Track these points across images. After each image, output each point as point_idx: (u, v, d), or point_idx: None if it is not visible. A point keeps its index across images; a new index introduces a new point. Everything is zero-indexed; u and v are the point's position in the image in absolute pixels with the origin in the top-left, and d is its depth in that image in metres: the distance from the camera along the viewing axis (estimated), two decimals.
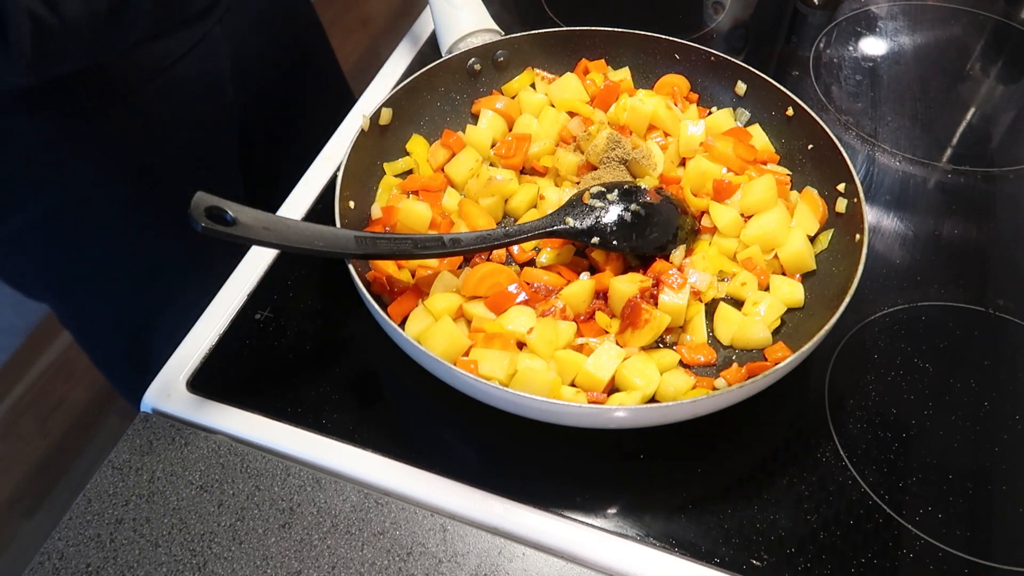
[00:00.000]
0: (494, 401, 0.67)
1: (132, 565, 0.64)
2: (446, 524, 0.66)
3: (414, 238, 0.73)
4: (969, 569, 0.65)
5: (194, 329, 0.79)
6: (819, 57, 1.08)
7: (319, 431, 0.72)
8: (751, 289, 0.78)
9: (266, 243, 0.65)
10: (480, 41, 0.92)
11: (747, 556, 0.65)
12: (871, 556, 0.65)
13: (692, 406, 0.65)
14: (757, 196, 0.81)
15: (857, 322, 0.80)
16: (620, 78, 0.93)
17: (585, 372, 0.70)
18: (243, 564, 0.64)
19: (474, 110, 0.92)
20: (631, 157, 0.85)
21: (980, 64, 1.09)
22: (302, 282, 0.83)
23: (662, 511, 0.68)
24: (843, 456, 0.71)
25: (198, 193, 0.63)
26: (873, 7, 1.16)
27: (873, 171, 0.95)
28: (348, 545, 0.65)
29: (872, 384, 0.76)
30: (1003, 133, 1.00)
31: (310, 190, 0.91)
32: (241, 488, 0.68)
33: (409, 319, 0.74)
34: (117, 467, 0.69)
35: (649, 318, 0.72)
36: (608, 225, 0.78)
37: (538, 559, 0.65)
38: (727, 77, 0.91)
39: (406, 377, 0.74)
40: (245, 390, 0.75)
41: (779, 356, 0.72)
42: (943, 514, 0.68)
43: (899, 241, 0.87)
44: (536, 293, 0.76)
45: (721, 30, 1.13)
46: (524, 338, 0.71)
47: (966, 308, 0.82)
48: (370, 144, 0.84)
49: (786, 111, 0.87)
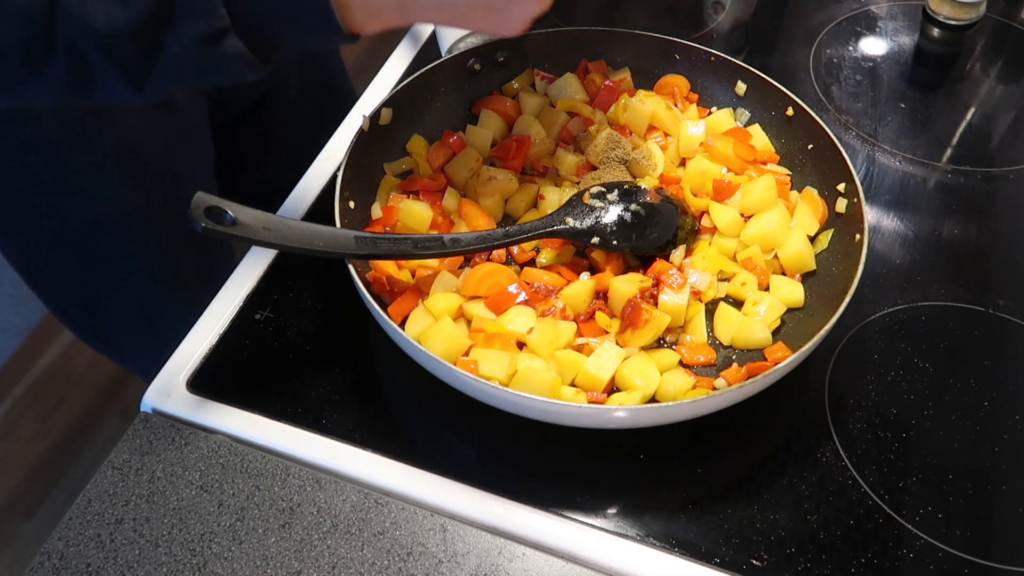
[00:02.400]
0: (494, 401, 0.67)
1: (132, 565, 0.64)
2: (446, 524, 0.66)
3: (414, 238, 0.73)
4: (969, 569, 0.65)
5: (194, 329, 0.79)
6: (819, 57, 1.08)
7: (319, 431, 0.72)
8: (751, 289, 0.78)
9: (266, 243, 0.65)
10: (480, 41, 0.92)
11: (747, 556, 0.65)
12: (871, 556, 0.65)
13: (692, 406, 0.65)
14: (757, 196, 0.81)
15: (857, 322, 0.80)
16: (620, 78, 0.93)
17: (585, 372, 0.70)
18: (243, 564, 0.64)
19: (474, 110, 0.92)
20: (631, 157, 0.85)
21: (980, 64, 1.09)
22: (302, 282, 0.82)
23: (662, 511, 0.68)
24: (843, 456, 0.71)
25: (198, 193, 0.63)
26: (873, 7, 1.16)
27: (873, 171, 0.95)
28: (348, 545, 0.65)
29: (872, 384, 0.76)
30: (1003, 133, 1.00)
31: (310, 190, 0.91)
32: (241, 488, 0.68)
33: (409, 319, 0.74)
34: (117, 467, 0.69)
35: (649, 318, 0.72)
36: (608, 225, 0.78)
37: (538, 559, 0.65)
38: (727, 77, 0.91)
39: (406, 377, 0.74)
40: (245, 390, 0.74)
41: (779, 356, 0.72)
42: (943, 514, 0.68)
43: (899, 241, 0.88)
44: (536, 293, 0.76)
45: (721, 30, 1.13)
46: (524, 338, 0.71)
47: (966, 308, 0.82)
48: (370, 144, 0.84)
49: (786, 111, 0.87)
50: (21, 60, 0.59)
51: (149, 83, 0.61)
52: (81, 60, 0.59)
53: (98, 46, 0.58)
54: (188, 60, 0.60)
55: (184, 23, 0.57)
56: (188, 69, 0.61)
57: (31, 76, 0.60)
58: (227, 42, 0.58)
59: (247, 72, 0.62)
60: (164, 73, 0.60)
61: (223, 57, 0.59)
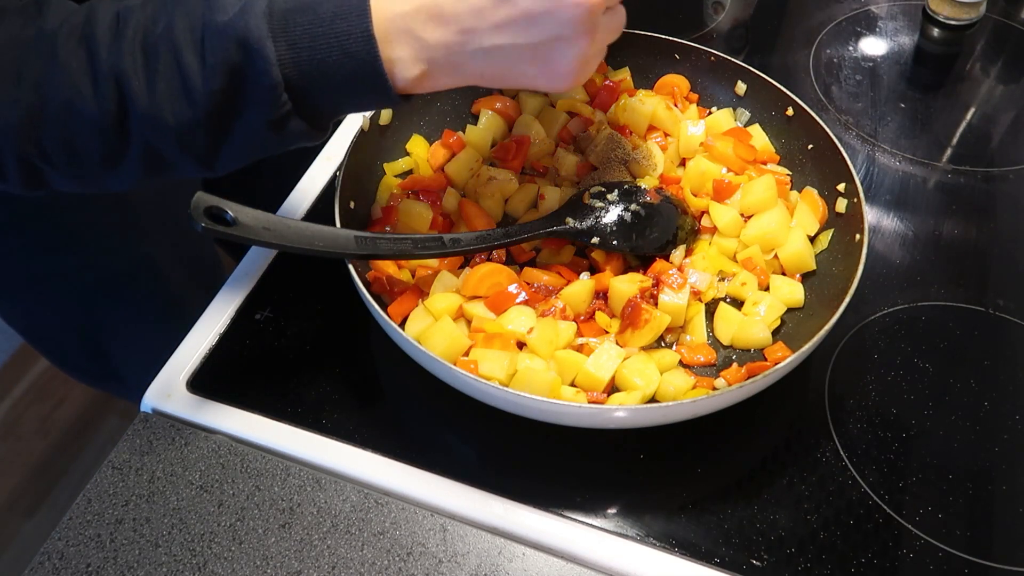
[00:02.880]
0: (494, 401, 0.67)
1: (132, 565, 0.64)
2: (446, 524, 0.66)
3: (414, 238, 0.73)
4: (969, 569, 0.65)
5: (194, 329, 0.79)
6: (819, 57, 1.08)
7: (319, 431, 0.72)
8: (751, 289, 0.78)
9: (266, 243, 0.65)
10: None
11: (747, 556, 0.65)
12: (871, 556, 0.65)
13: (692, 406, 0.65)
14: (757, 196, 0.81)
15: (857, 322, 0.80)
16: (620, 78, 0.93)
17: (585, 372, 0.70)
18: (243, 564, 0.64)
19: (474, 110, 0.92)
20: (631, 157, 0.85)
21: (980, 64, 1.09)
22: (302, 282, 0.82)
23: (662, 511, 0.68)
24: (843, 456, 0.71)
25: (198, 193, 0.63)
26: (873, 7, 1.16)
27: (873, 171, 0.95)
28: (348, 545, 0.65)
29: (872, 384, 0.76)
30: (1003, 133, 1.00)
31: (310, 190, 0.91)
32: (241, 488, 0.68)
33: (409, 319, 0.74)
34: (117, 467, 0.69)
35: (649, 318, 0.72)
36: (608, 225, 0.78)
37: (538, 559, 0.65)
38: (727, 77, 0.91)
39: (406, 377, 0.74)
40: (245, 390, 0.74)
41: (779, 356, 0.72)
42: (943, 514, 0.68)
43: (899, 241, 0.87)
44: (536, 293, 0.76)
45: (721, 30, 1.13)
46: (524, 338, 0.71)
47: (966, 308, 0.82)
48: (370, 144, 0.84)
49: (786, 111, 0.87)
50: (100, 161, 0.62)
51: (219, 163, 0.64)
52: (155, 154, 0.61)
53: (170, 142, 0.60)
54: (254, 142, 0.62)
55: (249, 113, 0.59)
56: (255, 148, 0.63)
57: (109, 172, 0.63)
58: (291, 124, 0.60)
59: (307, 142, 0.64)
60: (232, 154, 0.63)
61: (286, 135, 0.61)
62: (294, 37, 0.57)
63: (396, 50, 0.59)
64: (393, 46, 0.59)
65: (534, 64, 0.61)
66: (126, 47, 0.57)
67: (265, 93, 0.58)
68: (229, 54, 0.57)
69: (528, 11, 0.58)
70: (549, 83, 0.63)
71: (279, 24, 0.57)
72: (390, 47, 0.59)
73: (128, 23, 0.58)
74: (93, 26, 0.58)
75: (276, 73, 0.57)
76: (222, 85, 0.57)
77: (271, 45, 0.57)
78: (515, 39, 0.60)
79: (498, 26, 0.59)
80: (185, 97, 0.58)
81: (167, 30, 0.57)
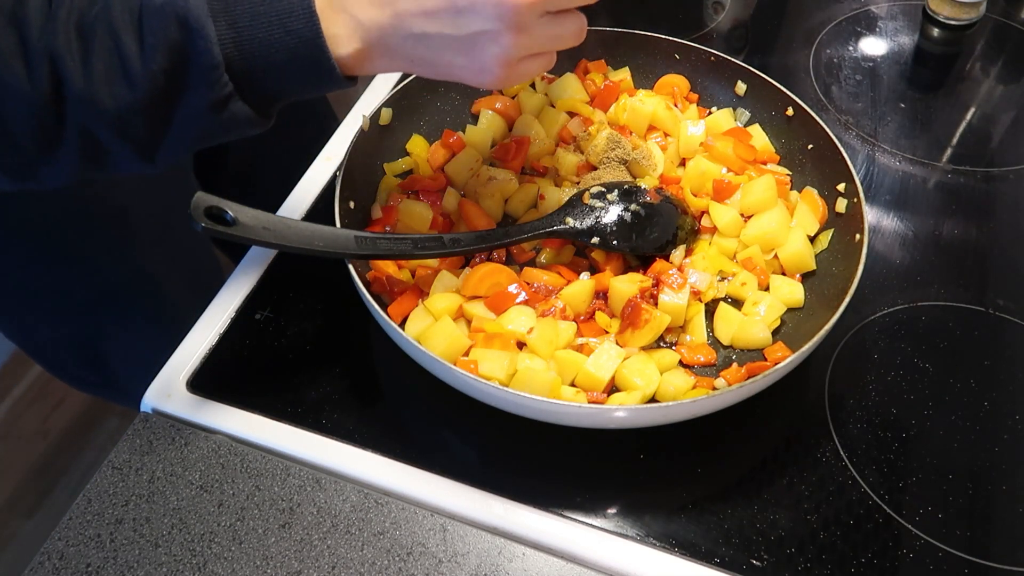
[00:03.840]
0: (494, 401, 0.67)
1: (132, 565, 0.64)
2: (446, 524, 0.66)
3: (414, 238, 0.73)
4: (969, 569, 0.65)
5: (194, 329, 0.79)
6: (819, 57, 1.08)
7: (319, 431, 0.72)
8: (751, 289, 0.78)
9: (266, 243, 0.65)
10: None
11: (747, 556, 0.65)
12: (871, 556, 0.65)
13: (692, 406, 0.65)
14: (757, 196, 0.81)
15: (857, 322, 0.80)
16: (620, 78, 0.93)
17: (585, 372, 0.70)
18: (243, 564, 0.64)
19: (474, 110, 0.92)
20: (631, 157, 0.85)
21: (980, 64, 1.09)
22: (302, 282, 0.82)
23: (662, 511, 0.68)
24: (843, 456, 0.71)
25: (198, 193, 0.63)
26: (873, 7, 1.16)
27: (873, 171, 0.95)
28: (348, 545, 0.65)
29: (872, 384, 0.76)
30: (1003, 133, 1.00)
31: (310, 190, 0.91)
32: (241, 488, 0.68)
33: (409, 319, 0.74)
34: (117, 467, 0.69)
35: (649, 318, 0.72)
36: (608, 225, 0.78)
37: (538, 559, 0.65)
38: (727, 77, 0.91)
39: (406, 377, 0.74)
40: (245, 390, 0.74)
41: (779, 356, 0.72)
42: (943, 514, 0.68)
43: (899, 241, 0.87)
44: (536, 293, 0.76)
45: (721, 30, 1.13)
46: (524, 338, 0.71)
47: (966, 308, 0.82)
48: (370, 144, 0.84)
49: (786, 111, 0.87)
50: (34, 146, 0.60)
51: (160, 154, 0.62)
52: (92, 140, 0.60)
53: (108, 125, 0.59)
54: (195, 129, 0.61)
55: (190, 95, 0.58)
56: (196, 136, 0.62)
57: (44, 159, 0.62)
58: (232, 106, 0.59)
59: (251, 129, 0.63)
60: (173, 143, 0.62)
61: (229, 121, 0.60)
62: (235, 15, 0.57)
63: (332, 27, 0.60)
64: (330, 23, 0.59)
65: (461, 55, 0.62)
66: (60, 27, 0.56)
67: (206, 73, 0.57)
68: (169, 34, 0.56)
69: (454, 2, 0.59)
70: (475, 77, 0.63)
71: (219, 3, 0.57)
72: (327, 24, 0.59)
73: (62, 3, 0.57)
74: (24, 6, 0.57)
75: (217, 52, 0.56)
76: (162, 66, 0.56)
77: (211, 24, 0.56)
78: (442, 28, 0.60)
79: (428, 13, 0.60)
80: (124, 78, 0.57)
81: (104, 10, 0.56)
